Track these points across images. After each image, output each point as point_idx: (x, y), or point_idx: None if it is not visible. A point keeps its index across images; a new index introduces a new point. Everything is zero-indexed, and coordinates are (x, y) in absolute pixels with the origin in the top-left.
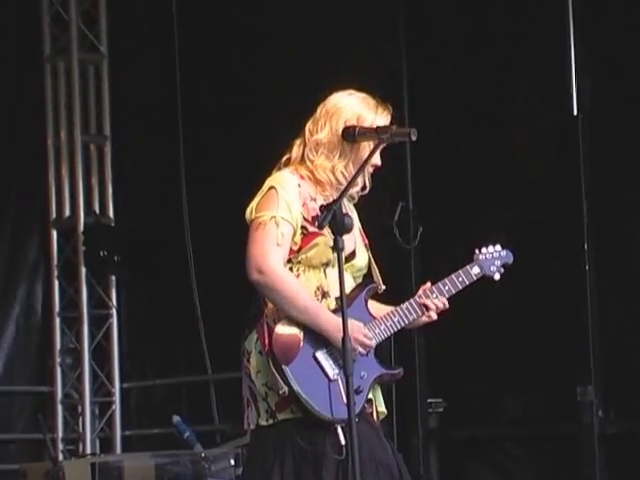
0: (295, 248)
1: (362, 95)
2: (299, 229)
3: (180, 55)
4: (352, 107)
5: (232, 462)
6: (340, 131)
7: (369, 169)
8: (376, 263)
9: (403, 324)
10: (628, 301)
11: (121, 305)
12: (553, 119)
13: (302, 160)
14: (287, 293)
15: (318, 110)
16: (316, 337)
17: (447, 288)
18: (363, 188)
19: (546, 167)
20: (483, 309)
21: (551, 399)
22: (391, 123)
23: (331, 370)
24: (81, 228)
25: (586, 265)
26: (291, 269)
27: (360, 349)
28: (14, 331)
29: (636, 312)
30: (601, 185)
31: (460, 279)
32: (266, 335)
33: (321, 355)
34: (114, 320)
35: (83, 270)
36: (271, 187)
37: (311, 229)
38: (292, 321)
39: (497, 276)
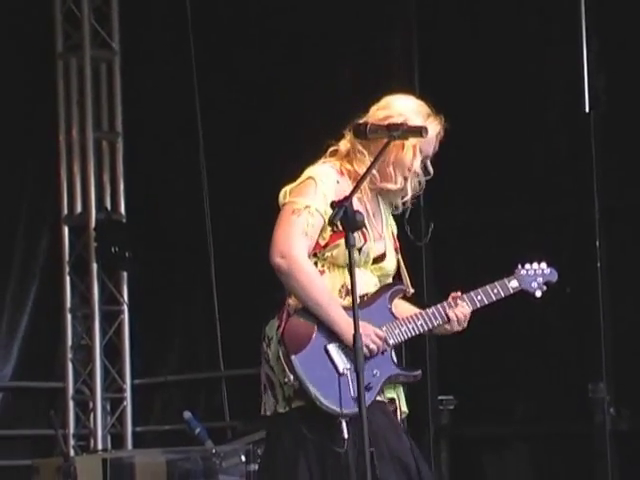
0: (322, 243)
1: (418, 101)
2: (331, 226)
3: (195, 50)
4: (401, 108)
5: (243, 458)
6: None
7: (418, 171)
8: None
9: (426, 328)
10: (639, 297)
11: (132, 301)
12: (565, 116)
13: (348, 154)
14: (305, 283)
15: (378, 104)
16: (330, 330)
17: (479, 298)
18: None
19: (558, 164)
20: (494, 306)
21: (563, 396)
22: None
23: (342, 364)
24: (93, 224)
25: (598, 262)
26: (316, 264)
27: (372, 346)
28: (28, 327)
29: None
30: (613, 182)
31: (495, 291)
32: (283, 322)
33: (333, 348)
34: (125, 316)
35: (94, 266)
36: (310, 177)
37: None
38: (309, 312)
39: (538, 293)
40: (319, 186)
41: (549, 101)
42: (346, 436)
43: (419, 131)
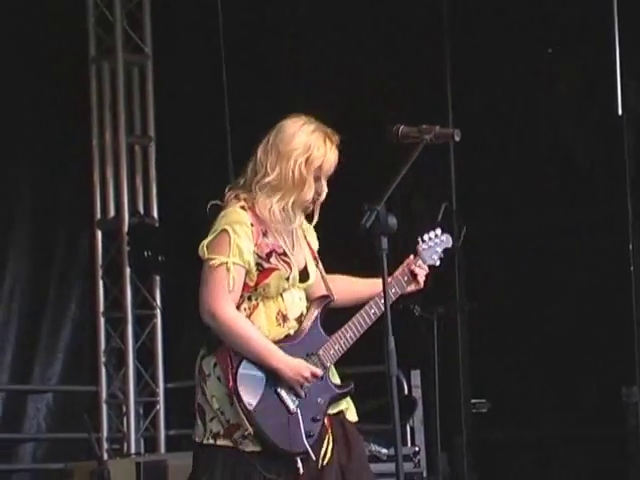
0: (251, 284)
1: (313, 127)
2: (254, 267)
3: (226, 54)
4: (302, 146)
5: None
6: (289, 173)
7: (315, 198)
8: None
9: (364, 328)
10: None
11: (165, 305)
12: (598, 119)
13: (249, 189)
14: (239, 339)
15: (270, 139)
16: (275, 374)
17: (393, 290)
18: (318, 195)
19: (591, 167)
20: (527, 309)
21: (595, 400)
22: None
23: (292, 403)
24: (125, 228)
25: (631, 266)
26: (250, 298)
27: (306, 384)
28: (70, 331)
29: None
30: None
31: (406, 278)
32: (229, 372)
33: (282, 391)
34: (158, 320)
35: (127, 270)
36: (223, 230)
37: (266, 265)
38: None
39: (438, 262)
40: (232, 238)
41: (582, 105)
42: (302, 471)
43: (451, 134)
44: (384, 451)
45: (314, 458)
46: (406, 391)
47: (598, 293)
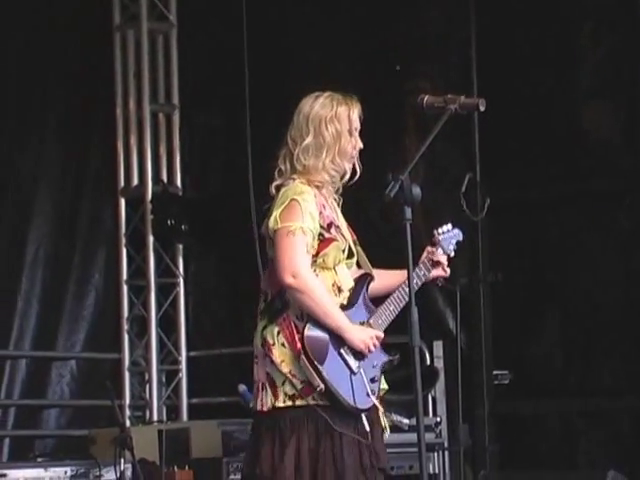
0: (313, 252)
1: (327, 94)
2: (317, 236)
3: (249, 24)
4: (326, 106)
5: None
6: (323, 131)
7: (354, 153)
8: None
9: (404, 302)
10: None
11: (188, 274)
12: (620, 93)
13: (294, 169)
14: (316, 299)
15: (295, 119)
16: (338, 336)
17: (422, 273)
18: (353, 174)
19: (613, 141)
20: (551, 281)
21: (620, 373)
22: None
23: (354, 363)
24: (149, 197)
25: None
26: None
27: (372, 348)
28: (94, 299)
29: None
30: None
31: (430, 263)
32: (295, 335)
33: (344, 352)
34: (181, 289)
35: (151, 239)
36: (293, 199)
37: (327, 235)
38: (317, 323)
39: (452, 253)
40: (303, 205)
41: (604, 79)
42: (368, 429)
43: (476, 104)
44: (405, 421)
45: (382, 410)
46: (428, 362)
47: (622, 264)
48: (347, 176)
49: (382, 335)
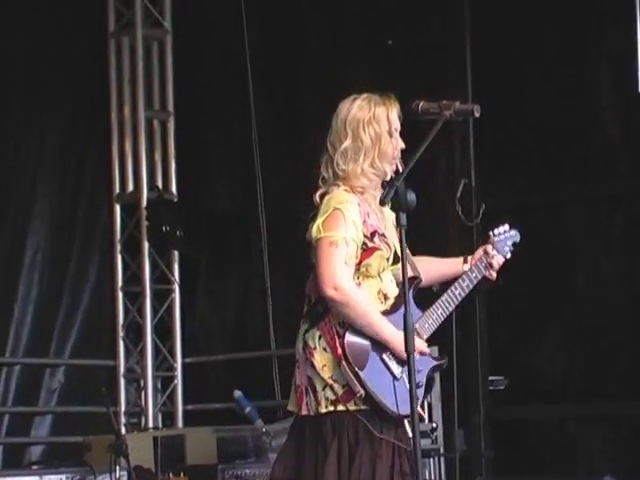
0: (356, 262)
1: (364, 95)
2: (361, 245)
3: (247, 28)
4: (364, 108)
5: None
6: (362, 134)
7: (395, 154)
8: (441, 239)
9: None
10: None
11: (183, 280)
12: (617, 96)
13: (335, 175)
14: (358, 311)
15: (333, 123)
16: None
17: (474, 275)
18: (397, 172)
19: (610, 145)
20: (548, 286)
21: (617, 378)
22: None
23: (397, 369)
24: (144, 203)
25: None
26: (353, 277)
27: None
28: (89, 305)
29: None
30: None
31: (484, 264)
32: (337, 341)
33: (387, 357)
34: (176, 295)
35: (146, 245)
36: (335, 208)
37: (370, 244)
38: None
39: (509, 255)
40: (346, 215)
41: (601, 82)
42: (411, 435)
43: (471, 110)
44: None
45: (424, 417)
46: None
47: (619, 268)
48: (387, 176)
49: (426, 351)
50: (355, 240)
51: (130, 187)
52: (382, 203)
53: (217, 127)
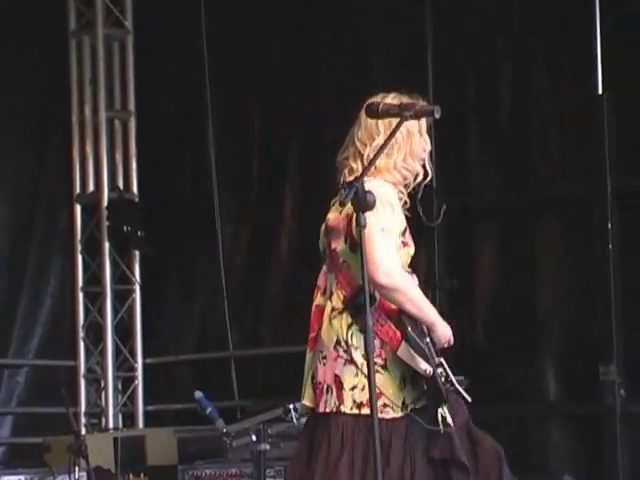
0: None
1: (393, 94)
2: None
3: (207, 29)
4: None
5: (254, 438)
6: (397, 134)
7: (423, 155)
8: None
9: None
10: None
11: (144, 280)
12: (578, 98)
13: (368, 168)
14: (409, 295)
15: (362, 120)
16: (418, 331)
17: None
18: (425, 176)
19: (570, 146)
20: (507, 286)
21: (573, 379)
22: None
23: (433, 359)
24: (105, 203)
25: (609, 244)
26: None
27: (447, 346)
28: (50, 306)
29: None
30: (625, 165)
31: None
32: (391, 325)
33: (425, 345)
34: (137, 295)
35: (107, 245)
36: (381, 197)
37: (401, 239)
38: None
39: None
40: (394, 207)
41: (562, 84)
42: (450, 420)
43: (431, 111)
44: None
45: (469, 400)
46: None
47: (578, 271)
48: (420, 177)
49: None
50: (400, 230)
51: (91, 187)
52: (342, 204)
53: (178, 127)
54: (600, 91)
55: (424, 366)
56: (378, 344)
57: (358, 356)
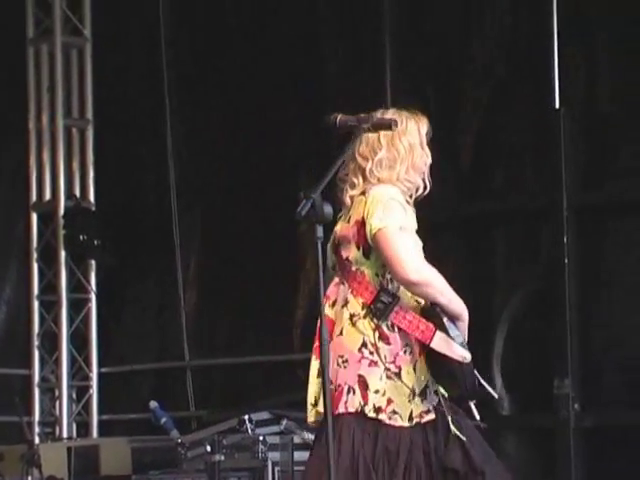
0: None
1: (393, 110)
2: None
3: (166, 38)
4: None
5: (208, 448)
6: (397, 144)
7: (424, 168)
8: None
9: None
10: (606, 294)
11: (100, 290)
12: (535, 112)
13: (367, 182)
14: (439, 288)
15: (363, 136)
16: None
17: None
18: (424, 188)
19: (527, 160)
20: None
21: (527, 392)
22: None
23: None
24: (61, 212)
25: (565, 258)
26: None
27: None
28: (5, 313)
29: (614, 305)
30: (582, 179)
31: None
32: (420, 320)
33: (453, 341)
34: (93, 304)
35: (63, 254)
36: (391, 199)
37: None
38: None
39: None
40: (404, 207)
41: (520, 98)
42: (478, 417)
43: (389, 124)
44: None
45: (495, 396)
46: None
47: (533, 284)
48: (420, 191)
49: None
50: (413, 226)
51: (47, 195)
52: (299, 215)
53: (136, 136)
54: (557, 105)
55: (462, 352)
56: (398, 350)
57: (384, 357)
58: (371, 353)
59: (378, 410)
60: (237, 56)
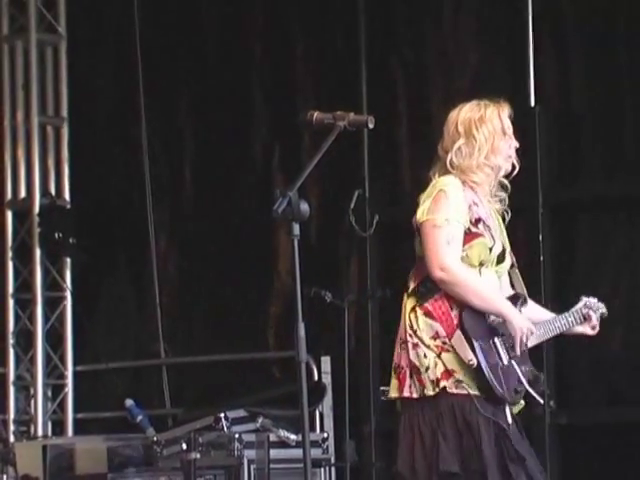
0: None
1: (473, 101)
2: (464, 229)
3: (141, 35)
4: (473, 110)
5: (184, 446)
6: (474, 132)
7: (510, 152)
8: (336, 251)
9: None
10: (581, 291)
11: (75, 287)
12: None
13: (447, 171)
14: (469, 288)
15: (444, 131)
16: (492, 326)
17: (571, 320)
18: (513, 169)
19: None
20: None
21: None
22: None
23: (505, 356)
24: (36, 210)
25: (541, 256)
26: None
27: (524, 339)
28: None
29: None
30: (557, 178)
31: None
32: (451, 313)
33: (498, 341)
34: (68, 302)
35: (38, 252)
36: (440, 190)
37: (473, 230)
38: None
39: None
40: (450, 196)
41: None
42: (510, 421)
43: (365, 121)
44: (293, 437)
45: (541, 402)
46: (316, 377)
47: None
48: (502, 172)
49: (534, 329)
50: (459, 221)
51: (22, 193)
52: (275, 214)
53: (111, 134)
54: (532, 104)
55: (469, 355)
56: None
57: (424, 336)
58: (410, 335)
59: (437, 382)
60: (211, 54)
